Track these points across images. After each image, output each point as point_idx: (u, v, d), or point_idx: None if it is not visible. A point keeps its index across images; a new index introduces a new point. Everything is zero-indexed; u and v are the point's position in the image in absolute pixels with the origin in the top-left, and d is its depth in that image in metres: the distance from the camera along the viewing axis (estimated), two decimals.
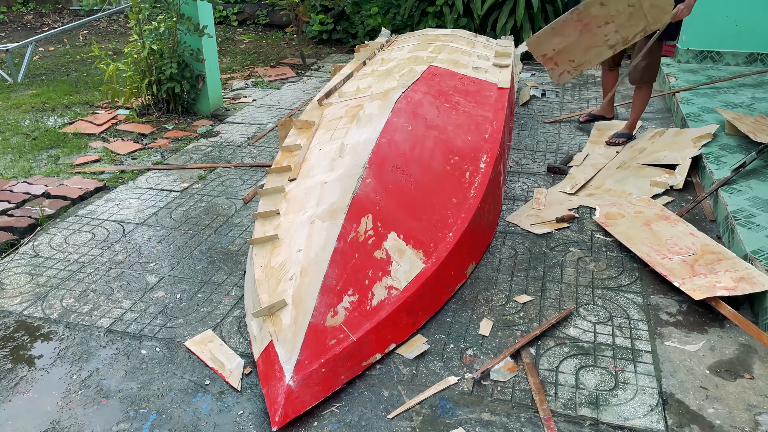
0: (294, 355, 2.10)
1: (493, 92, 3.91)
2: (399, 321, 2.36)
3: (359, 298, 2.32)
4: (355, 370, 2.20)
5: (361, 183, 2.67)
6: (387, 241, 2.53)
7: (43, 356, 2.37)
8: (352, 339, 2.20)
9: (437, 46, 4.57)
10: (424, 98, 3.52)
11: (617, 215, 3.22)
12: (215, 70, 5.21)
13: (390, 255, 2.50)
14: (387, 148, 2.93)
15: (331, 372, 2.12)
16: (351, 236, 2.46)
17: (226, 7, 8.80)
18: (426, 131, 3.20)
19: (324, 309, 2.23)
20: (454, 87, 3.83)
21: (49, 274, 2.89)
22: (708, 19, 5.79)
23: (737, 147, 3.83)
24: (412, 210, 2.72)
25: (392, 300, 2.38)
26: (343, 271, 2.36)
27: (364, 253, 2.45)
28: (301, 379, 2.05)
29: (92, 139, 4.67)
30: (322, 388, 2.08)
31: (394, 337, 2.34)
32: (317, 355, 2.12)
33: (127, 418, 2.07)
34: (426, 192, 2.84)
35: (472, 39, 5.07)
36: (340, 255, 2.39)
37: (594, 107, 5.13)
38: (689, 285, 2.58)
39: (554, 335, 2.43)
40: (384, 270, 2.45)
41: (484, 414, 2.07)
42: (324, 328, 2.19)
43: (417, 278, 2.47)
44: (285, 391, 2.01)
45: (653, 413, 2.06)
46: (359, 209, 2.56)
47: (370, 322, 2.27)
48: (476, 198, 2.88)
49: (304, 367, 2.08)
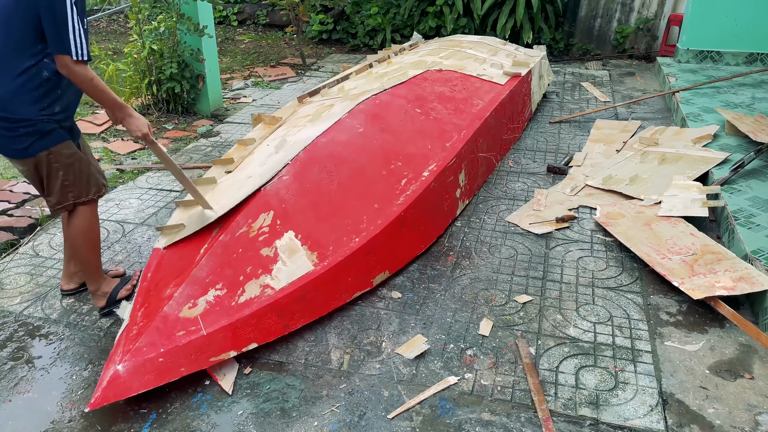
0: (135, 341, 2.12)
1: (482, 101, 3.87)
2: (266, 321, 2.32)
3: (227, 293, 2.31)
4: (200, 364, 2.18)
5: (276, 180, 2.67)
6: (281, 239, 2.50)
7: (43, 356, 2.37)
8: (203, 333, 2.18)
9: (452, 51, 4.54)
10: (395, 101, 3.48)
11: (618, 215, 3.22)
12: (215, 70, 5.21)
13: (279, 254, 2.46)
14: (321, 148, 2.92)
15: (170, 363, 2.12)
16: (241, 230, 2.46)
17: (226, 7, 8.80)
18: (376, 134, 3.16)
19: (183, 300, 2.24)
20: (438, 93, 3.78)
21: (49, 274, 2.89)
22: (708, 19, 5.80)
23: (737, 147, 3.82)
24: (322, 211, 2.67)
25: (263, 299, 2.33)
26: (218, 264, 2.35)
27: (251, 248, 2.44)
28: (133, 366, 2.06)
29: (92, 139, 4.67)
30: (154, 377, 2.08)
31: (256, 337, 2.30)
32: (158, 344, 2.12)
33: (127, 418, 2.07)
34: (346, 195, 2.77)
35: (497, 47, 5.03)
36: (221, 248, 2.39)
37: (593, 107, 5.13)
38: (688, 285, 2.58)
39: (554, 335, 2.43)
40: (265, 268, 2.42)
41: (484, 414, 2.07)
42: (176, 319, 2.19)
43: (298, 280, 2.41)
44: (111, 375, 2.03)
45: (653, 413, 2.06)
46: (261, 205, 2.55)
47: (230, 318, 2.24)
48: (402, 206, 2.79)
49: (141, 354, 2.09)
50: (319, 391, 2.18)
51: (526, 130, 4.70)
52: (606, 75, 6.24)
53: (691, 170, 3.53)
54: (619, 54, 7.02)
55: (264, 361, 2.32)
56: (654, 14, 6.83)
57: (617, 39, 6.99)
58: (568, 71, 6.40)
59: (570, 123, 4.83)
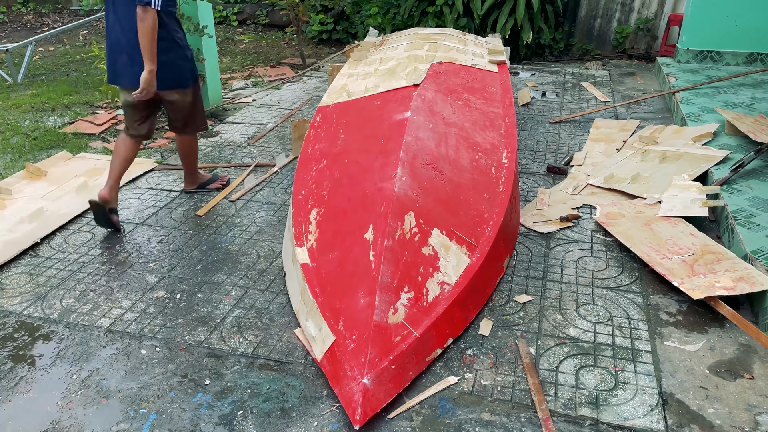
0: (363, 354, 2.10)
1: (497, 88, 3.92)
2: (454, 316, 2.39)
3: (415, 294, 2.34)
4: (420, 366, 2.22)
5: (397, 181, 2.67)
6: (432, 237, 2.55)
7: (43, 356, 2.37)
8: (416, 335, 2.21)
9: (432, 44, 4.57)
10: (436, 96, 3.53)
11: (618, 215, 3.22)
12: (215, 70, 5.21)
13: (437, 251, 2.51)
14: (414, 147, 2.94)
15: (400, 368, 2.13)
16: (398, 234, 2.47)
17: (226, 7, 8.80)
18: (445, 129, 3.22)
19: (384, 307, 2.24)
20: (460, 84, 3.85)
21: (49, 274, 2.89)
22: (708, 19, 5.80)
23: (737, 147, 3.82)
24: (449, 206, 2.74)
25: (446, 295, 2.40)
26: (396, 268, 2.37)
27: (413, 249, 2.47)
28: (375, 377, 2.06)
29: (92, 139, 4.67)
30: (394, 385, 2.10)
31: (451, 332, 2.37)
32: (386, 352, 2.13)
33: (127, 418, 2.07)
34: (459, 189, 2.86)
35: (462, 37, 5.08)
36: (391, 253, 2.40)
37: (593, 107, 5.13)
38: (688, 284, 2.58)
39: (554, 335, 2.43)
40: (434, 266, 2.46)
41: (484, 414, 2.07)
42: (387, 326, 2.20)
43: (466, 273, 2.50)
44: (362, 390, 2.02)
45: (653, 413, 2.06)
46: (399, 207, 2.56)
47: (429, 317, 2.29)
48: (506, 192, 2.92)
49: (376, 365, 2.08)
50: (319, 391, 2.18)
51: (526, 130, 4.70)
52: (606, 75, 6.24)
53: (692, 168, 3.53)
54: (619, 54, 7.02)
55: (264, 361, 2.33)
56: (654, 14, 6.83)
57: (617, 39, 7.00)
58: (568, 71, 6.39)
59: (570, 123, 4.83)
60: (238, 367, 2.30)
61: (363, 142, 3.12)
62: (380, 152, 2.92)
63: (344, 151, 3.11)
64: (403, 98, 3.40)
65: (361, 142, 3.12)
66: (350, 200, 2.72)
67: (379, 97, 3.59)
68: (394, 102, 3.42)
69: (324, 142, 3.28)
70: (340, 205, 2.75)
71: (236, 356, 2.35)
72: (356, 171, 2.89)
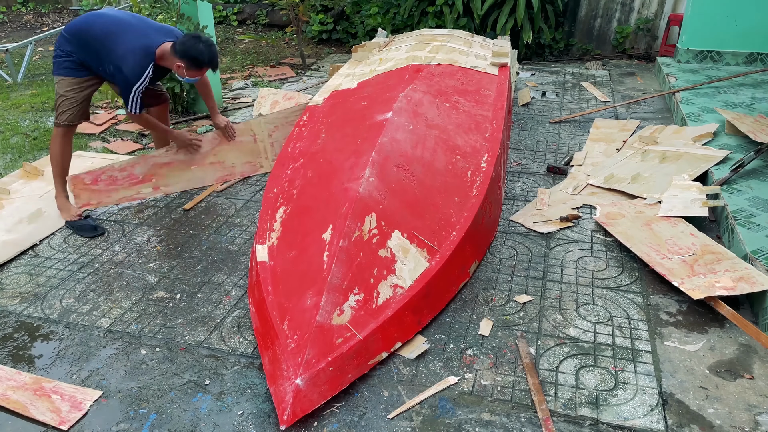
0: (300, 354, 2.10)
1: (492, 91, 3.91)
2: (404, 320, 2.37)
3: (365, 296, 2.33)
4: (361, 369, 2.20)
5: (364, 181, 2.67)
6: (391, 239, 2.54)
7: (43, 356, 2.37)
8: (359, 338, 2.20)
9: (435, 46, 4.57)
10: (424, 98, 3.52)
11: (618, 215, 3.22)
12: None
13: (395, 254, 2.50)
14: (388, 147, 2.93)
15: (339, 371, 2.12)
16: (356, 235, 2.46)
17: (226, 7, 8.79)
18: (426, 131, 3.20)
19: (330, 308, 2.23)
20: (453, 86, 3.84)
21: (49, 274, 2.89)
22: (708, 19, 5.79)
23: (737, 147, 3.82)
24: (416, 209, 2.72)
25: (398, 299, 2.38)
26: (347, 269, 2.36)
27: (369, 251, 2.46)
28: (309, 378, 2.05)
29: (92, 139, 4.67)
30: (329, 387, 2.09)
31: (399, 336, 2.35)
32: (324, 353, 2.12)
33: (127, 418, 2.07)
34: (428, 191, 2.84)
35: (468, 39, 5.07)
36: (344, 253, 2.39)
37: (593, 107, 5.13)
38: (688, 284, 2.57)
39: (554, 335, 2.43)
40: (389, 269, 2.45)
41: (484, 414, 2.07)
42: (330, 327, 2.19)
43: (422, 277, 2.47)
44: (293, 390, 2.01)
45: (653, 413, 2.06)
46: (362, 208, 2.56)
47: (376, 320, 2.28)
48: (478, 197, 2.89)
49: (312, 366, 2.08)
50: None
51: (526, 130, 4.70)
52: (606, 75, 6.23)
53: (693, 168, 3.53)
54: (619, 54, 7.02)
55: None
56: (654, 14, 6.83)
57: (617, 39, 6.99)
58: (568, 71, 6.39)
59: (570, 123, 4.83)
60: (238, 367, 2.30)
61: (340, 141, 3.13)
62: (353, 152, 2.93)
63: (321, 151, 3.11)
64: (389, 99, 3.41)
65: (339, 142, 3.13)
66: (316, 199, 2.73)
67: (366, 97, 3.60)
68: (379, 103, 3.42)
69: (305, 141, 3.29)
70: (306, 204, 2.75)
71: (236, 356, 2.35)
72: (328, 171, 2.89)
